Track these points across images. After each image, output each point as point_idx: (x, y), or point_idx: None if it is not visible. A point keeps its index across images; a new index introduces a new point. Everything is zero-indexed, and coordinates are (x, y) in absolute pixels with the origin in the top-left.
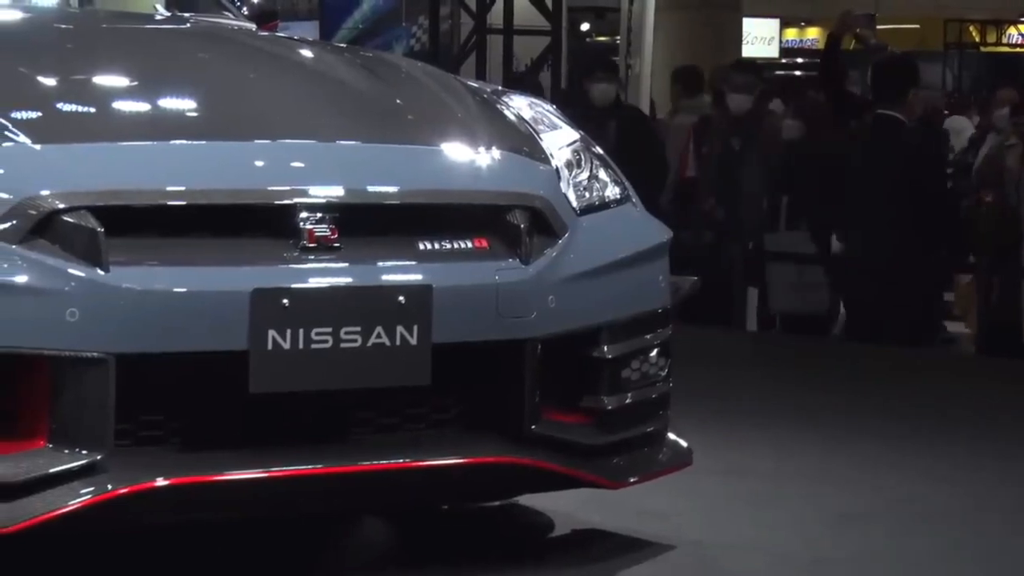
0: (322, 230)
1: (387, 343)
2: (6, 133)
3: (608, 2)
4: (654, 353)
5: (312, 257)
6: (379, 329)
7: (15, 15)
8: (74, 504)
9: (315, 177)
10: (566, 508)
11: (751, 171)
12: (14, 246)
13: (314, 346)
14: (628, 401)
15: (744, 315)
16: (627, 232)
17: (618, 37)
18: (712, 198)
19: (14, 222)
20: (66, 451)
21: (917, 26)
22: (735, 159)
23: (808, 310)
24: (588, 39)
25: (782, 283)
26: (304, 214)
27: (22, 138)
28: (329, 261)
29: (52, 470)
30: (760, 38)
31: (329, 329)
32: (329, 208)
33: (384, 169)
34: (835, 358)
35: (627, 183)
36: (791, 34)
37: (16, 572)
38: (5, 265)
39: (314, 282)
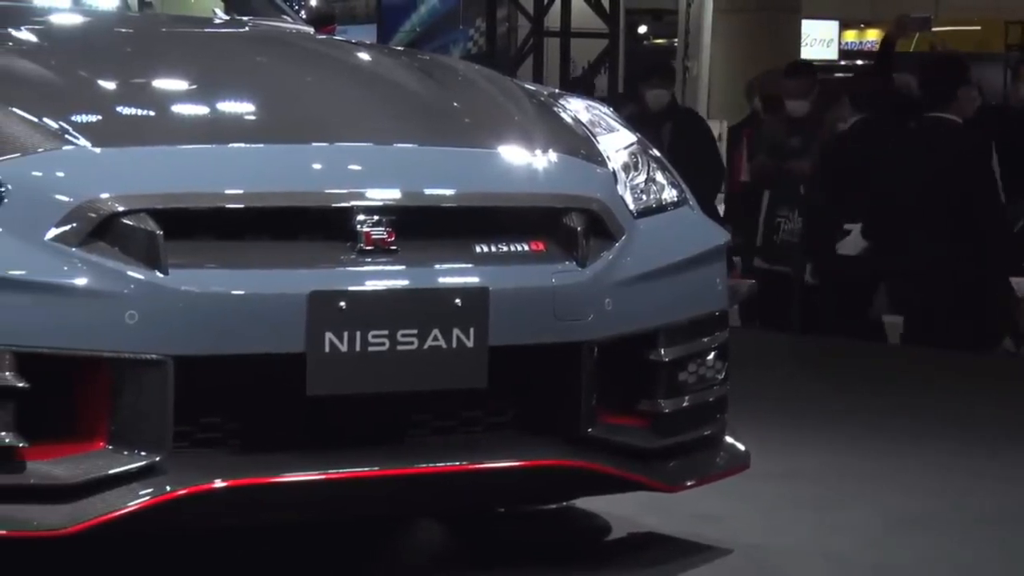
0: (379, 232)
1: (443, 345)
2: (66, 136)
3: (666, 4)
4: (711, 356)
5: (369, 259)
6: (435, 331)
7: (76, 19)
8: (133, 505)
9: (372, 180)
10: (622, 511)
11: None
12: (74, 248)
13: (371, 348)
14: (685, 404)
15: (800, 317)
16: (684, 235)
17: (676, 40)
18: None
19: (74, 225)
20: (125, 453)
21: (978, 28)
22: (793, 160)
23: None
24: (646, 42)
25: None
26: (361, 216)
27: (82, 141)
28: (386, 263)
29: (111, 472)
30: (819, 40)
31: (386, 331)
32: (386, 210)
33: (441, 172)
34: (893, 362)
35: (684, 186)
36: (850, 36)
37: (75, 574)
38: (65, 268)
39: (371, 284)
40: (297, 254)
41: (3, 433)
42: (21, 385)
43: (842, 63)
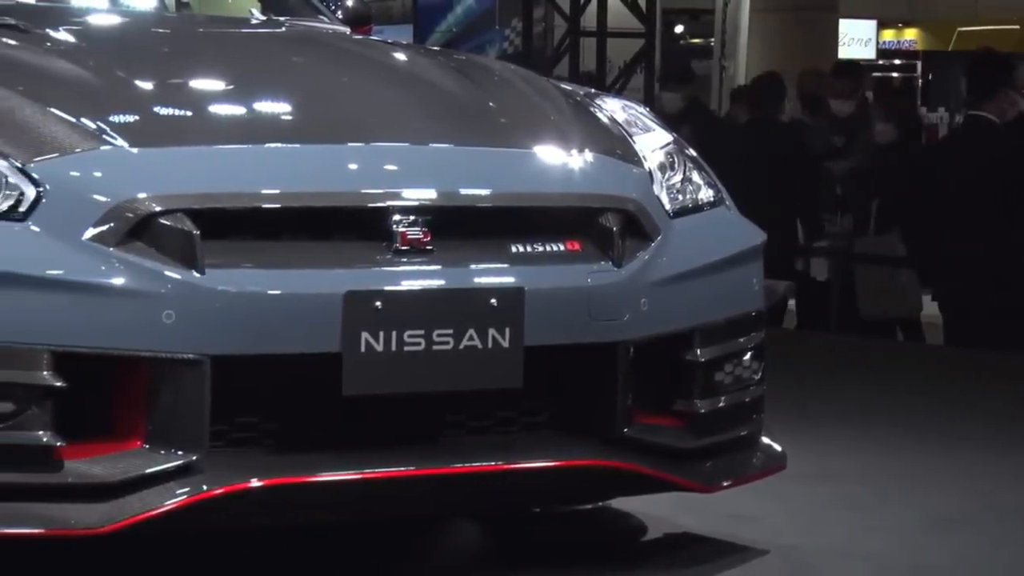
0: (415, 232)
1: (479, 345)
2: (104, 136)
3: (703, 4)
4: (748, 356)
5: (404, 259)
6: (471, 331)
7: (113, 19)
8: (170, 504)
9: (408, 180)
10: (658, 511)
11: (850, 172)
12: (111, 248)
13: (406, 348)
14: (721, 405)
15: (836, 317)
16: (721, 235)
17: (712, 39)
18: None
19: (111, 224)
20: (162, 452)
21: (1017, 27)
22: (836, 159)
23: (897, 314)
24: (682, 41)
25: (871, 286)
26: (397, 216)
27: (119, 141)
28: (421, 263)
29: (148, 471)
30: (857, 39)
31: (421, 331)
32: (422, 211)
33: (477, 172)
34: (929, 362)
35: (720, 185)
36: (888, 35)
37: (111, 573)
38: (102, 267)
39: (406, 284)
40: (333, 254)
41: (41, 432)
42: (59, 384)
43: (880, 62)
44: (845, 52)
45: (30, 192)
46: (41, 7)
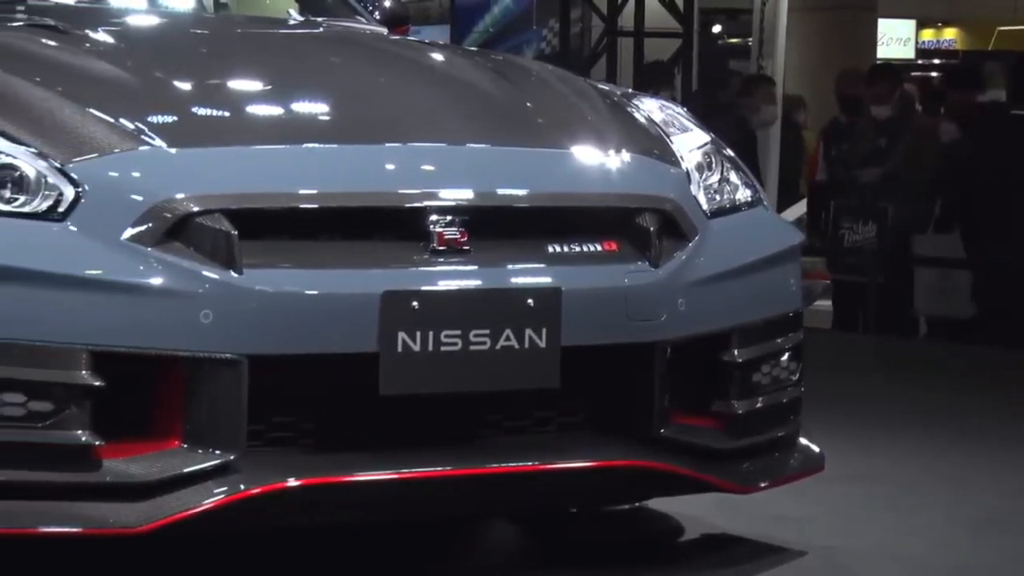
0: (452, 233)
1: (516, 345)
2: (142, 137)
3: (741, 3)
4: (785, 357)
5: (442, 259)
6: (508, 331)
7: (152, 19)
8: (207, 504)
9: (445, 180)
10: (694, 512)
11: (896, 172)
12: (149, 248)
13: (443, 348)
14: (759, 405)
15: (876, 318)
16: (758, 235)
17: (750, 39)
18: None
19: (150, 225)
20: (200, 451)
21: None
22: (880, 160)
23: (953, 315)
24: (720, 41)
25: (927, 286)
26: (434, 217)
27: (158, 142)
28: (458, 263)
29: (186, 470)
30: (896, 39)
31: (458, 331)
32: (459, 211)
33: (514, 172)
34: (975, 363)
35: (758, 186)
36: (927, 35)
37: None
38: (140, 267)
39: (443, 284)
40: (370, 254)
41: (80, 431)
42: (98, 384)
43: (919, 62)
44: (884, 52)
45: (69, 192)
46: (80, 8)
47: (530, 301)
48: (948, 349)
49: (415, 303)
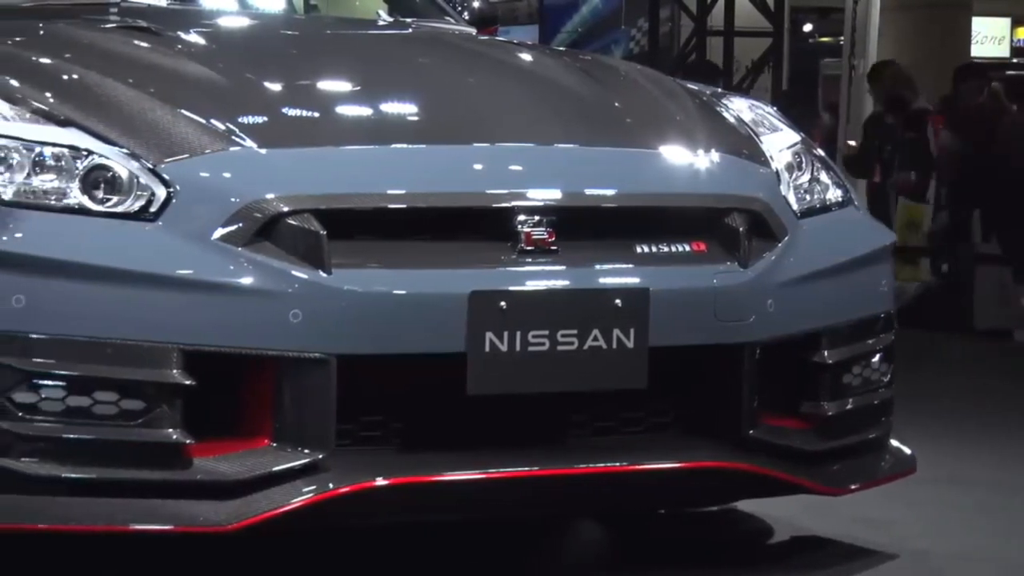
0: (539, 233)
1: (603, 346)
2: (233, 138)
3: (832, 2)
4: (876, 358)
5: (529, 260)
6: (595, 332)
7: (242, 21)
8: (296, 502)
9: (533, 180)
10: (782, 513)
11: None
12: (240, 248)
13: (531, 348)
14: (849, 407)
15: (968, 318)
16: (849, 235)
17: (842, 37)
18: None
19: (240, 225)
20: (289, 450)
21: None
22: (968, 160)
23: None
24: (811, 40)
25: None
26: (522, 217)
27: (248, 142)
28: (546, 264)
29: (275, 469)
30: (990, 37)
31: (546, 331)
32: (547, 211)
33: (602, 172)
34: None
35: (849, 185)
36: (1022, 33)
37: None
38: (231, 267)
39: (531, 285)
40: (458, 254)
41: (171, 430)
42: (188, 383)
43: (1014, 60)
44: (978, 50)
45: (161, 192)
46: (172, 10)
47: (618, 301)
48: None
49: (503, 303)
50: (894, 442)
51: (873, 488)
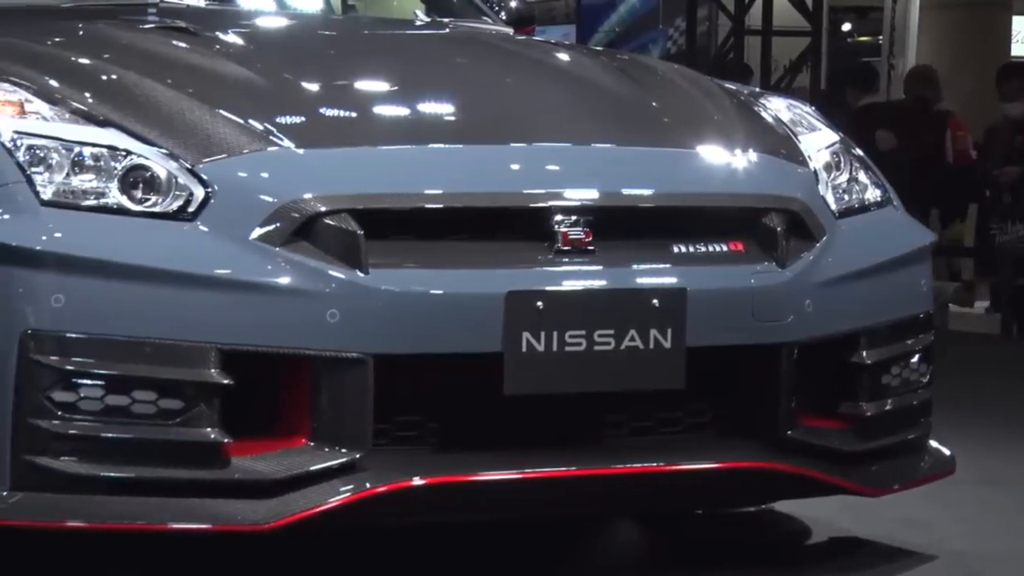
0: (576, 233)
1: (640, 346)
2: (271, 138)
3: (871, 1)
4: (915, 359)
5: (566, 260)
6: (632, 332)
7: (280, 21)
8: (334, 502)
9: (570, 180)
10: (820, 514)
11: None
12: (277, 248)
13: (568, 348)
14: (888, 407)
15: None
16: (887, 235)
17: (881, 37)
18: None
19: (278, 224)
20: (326, 449)
21: None
22: (1020, 158)
23: None
24: (850, 39)
25: None
26: (559, 217)
27: (286, 142)
28: (583, 264)
29: (312, 468)
30: None
31: (583, 331)
32: (584, 211)
33: (639, 172)
34: None
35: (888, 185)
36: None
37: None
38: (268, 267)
39: (568, 285)
40: (494, 254)
41: (209, 429)
42: (226, 382)
43: None
44: (1019, 50)
45: (199, 192)
46: (210, 10)
47: (655, 301)
48: None
49: (539, 303)
50: (933, 443)
51: (912, 489)
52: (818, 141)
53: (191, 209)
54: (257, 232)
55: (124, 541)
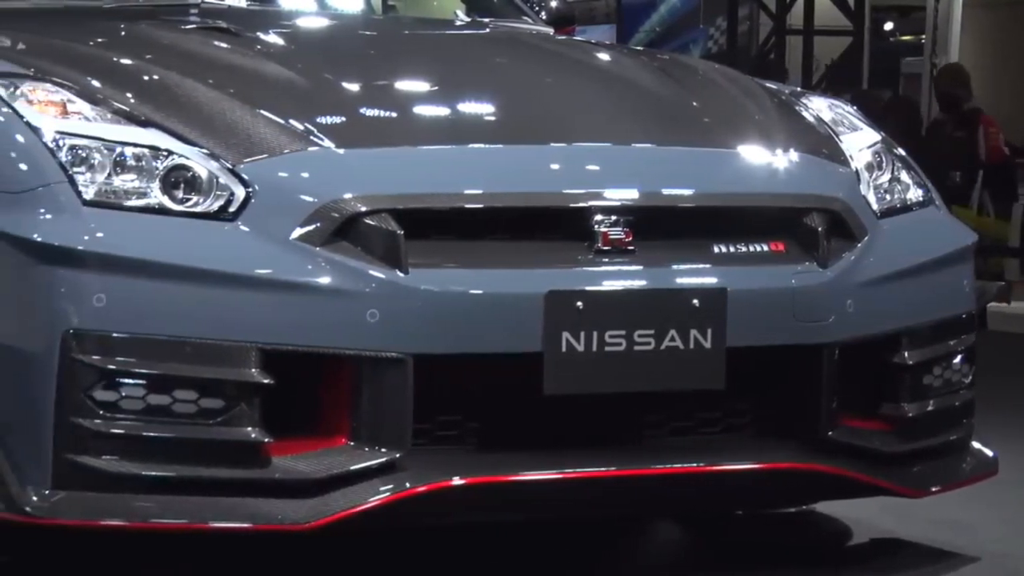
0: (616, 233)
1: (680, 346)
2: (311, 138)
3: (913, 0)
4: (957, 359)
5: (606, 260)
6: (672, 332)
7: (321, 22)
8: (374, 501)
9: (610, 180)
10: (861, 515)
11: None
12: (317, 248)
13: (608, 348)
14: (930, 408)
15: None
16: (929, 235)
17: (923, 36)
18: None
19: (318, 224)
20: (366, 449)
21: None
22: None
23: None
24: (892, 39)
25: None
26: (599, 216)
27: (326, 143)
28: (623, 264)
29: (353, 467)
30: None
31: (623, 331)
32: (624, 211)
33: (679, 172)
34: None
35: (930, 185)
36: None
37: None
38: (309, 267)
39: (608, 285)
40: (534, 254)
41: (249, 428)
42: (267, 382)
43: None
44: None
45: (239, 192)
46: (251, 11)
47: (695, 301)
48: None
49: (579, 303)
50: (976, 444)
51: (954, 490)
52: (860, 141)
53: (232, 209)
54: (297, 232)
55: (155, 541)
